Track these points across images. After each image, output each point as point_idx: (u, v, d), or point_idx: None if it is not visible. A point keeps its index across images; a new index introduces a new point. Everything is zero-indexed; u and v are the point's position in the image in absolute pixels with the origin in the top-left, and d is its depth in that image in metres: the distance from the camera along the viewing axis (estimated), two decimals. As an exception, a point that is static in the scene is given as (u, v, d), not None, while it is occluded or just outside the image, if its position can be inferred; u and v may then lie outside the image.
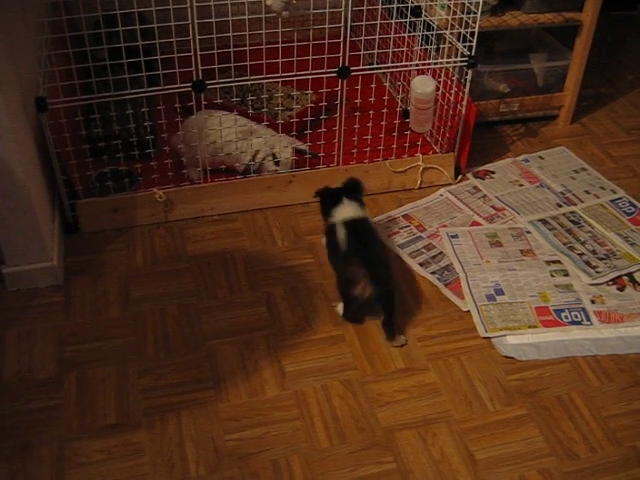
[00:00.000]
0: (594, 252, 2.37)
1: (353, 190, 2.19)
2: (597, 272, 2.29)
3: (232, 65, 2.29)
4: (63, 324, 2.08)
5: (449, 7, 2.52)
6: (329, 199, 2.17)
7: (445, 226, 2.48)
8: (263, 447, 1.78)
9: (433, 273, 2.29)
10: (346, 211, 2.12)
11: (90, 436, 1.78)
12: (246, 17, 2.20)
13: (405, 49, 2.66)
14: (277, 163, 2.48)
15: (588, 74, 2.99)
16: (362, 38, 2.46)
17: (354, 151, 2.56)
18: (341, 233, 2.05)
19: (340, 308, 2.12)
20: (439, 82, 2.57)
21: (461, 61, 2.49)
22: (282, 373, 1.96)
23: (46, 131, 2.19)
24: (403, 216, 2.53)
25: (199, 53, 2.20)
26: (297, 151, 2.52)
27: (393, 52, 2.72)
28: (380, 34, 2.56)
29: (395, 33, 2.66)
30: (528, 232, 2.45)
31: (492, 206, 2.58)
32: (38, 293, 2.17)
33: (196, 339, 2.04)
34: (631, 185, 2.73)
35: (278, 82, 2.77)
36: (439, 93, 2.60)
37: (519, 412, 1.89)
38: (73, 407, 1.85)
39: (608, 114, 3.20)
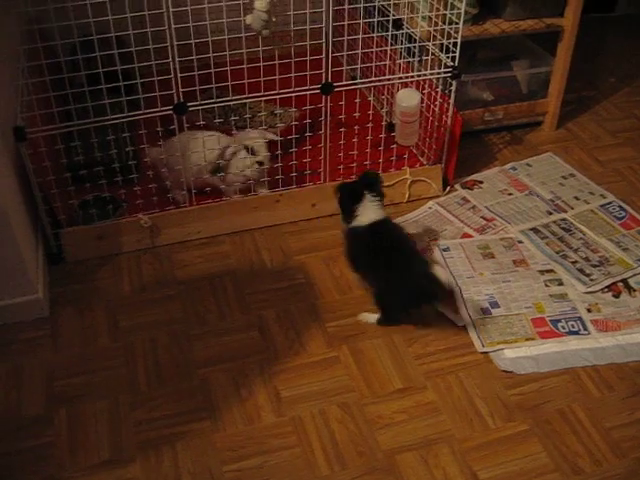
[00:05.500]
0: (587, 259, 2.35)
1: (373, 184, 2.12)
2: (591, 280, 2.26)
3: (213, 85, 2.26)
4: (51, 358, 2.03)
5: (430, 18, 2.50)
6: (350, 195, 2.12)
7: (436, 239, 2.44)
8: (262, 477, 1.73)
9: (426, 288, 2.25)
10: (371, 212, 2.09)
11: (83, 474, 1.73)
12: (225, 37, 2.17)
13: (388, 62, 2.64)
14: (253, 153, 2.40)
15: (570, 78, 2.97)
16: (344, 53, 2.43)
17: (340, 167, 2.53)
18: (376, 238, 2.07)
19: (368, 317, 2.12)
20: (423, 94, 2.55)
21: (445, 72, 2.46)
22: (278, 399, 1.91)
23: (26, 161, 2.14)
24: (393, 231, 2.49)
25: (179, 75, 2.17)
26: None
27: (376, 66, 2.69)
28: (362, 48, 2.54)
29: (377, 47, 2.64)
30: (520, 242, 2.42)
31: (482, 217, 2.55)
32: (24, 327, 2.12)
33: (188, 367, 2.00)
34: (620, 189, 2.71)
35: (261, 100, 2.73)
36: (424, 105, 2.57)
37: (521, 428, 1.86)
38: (64, 444, 1.80)
39: (593, 118, 3.19)
